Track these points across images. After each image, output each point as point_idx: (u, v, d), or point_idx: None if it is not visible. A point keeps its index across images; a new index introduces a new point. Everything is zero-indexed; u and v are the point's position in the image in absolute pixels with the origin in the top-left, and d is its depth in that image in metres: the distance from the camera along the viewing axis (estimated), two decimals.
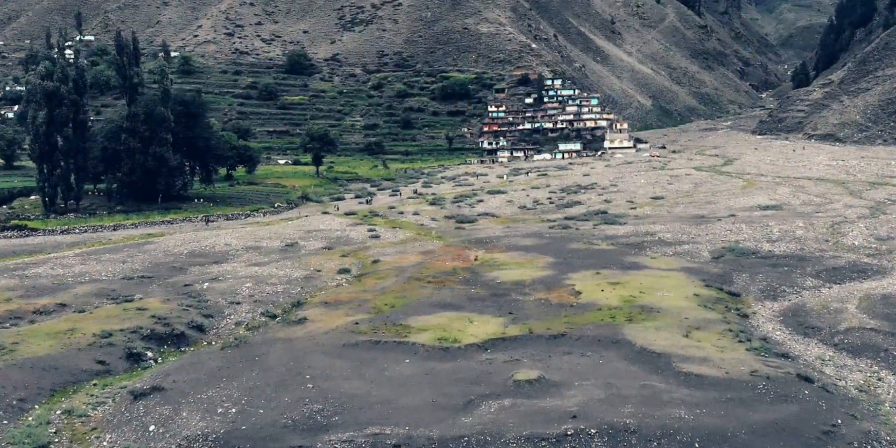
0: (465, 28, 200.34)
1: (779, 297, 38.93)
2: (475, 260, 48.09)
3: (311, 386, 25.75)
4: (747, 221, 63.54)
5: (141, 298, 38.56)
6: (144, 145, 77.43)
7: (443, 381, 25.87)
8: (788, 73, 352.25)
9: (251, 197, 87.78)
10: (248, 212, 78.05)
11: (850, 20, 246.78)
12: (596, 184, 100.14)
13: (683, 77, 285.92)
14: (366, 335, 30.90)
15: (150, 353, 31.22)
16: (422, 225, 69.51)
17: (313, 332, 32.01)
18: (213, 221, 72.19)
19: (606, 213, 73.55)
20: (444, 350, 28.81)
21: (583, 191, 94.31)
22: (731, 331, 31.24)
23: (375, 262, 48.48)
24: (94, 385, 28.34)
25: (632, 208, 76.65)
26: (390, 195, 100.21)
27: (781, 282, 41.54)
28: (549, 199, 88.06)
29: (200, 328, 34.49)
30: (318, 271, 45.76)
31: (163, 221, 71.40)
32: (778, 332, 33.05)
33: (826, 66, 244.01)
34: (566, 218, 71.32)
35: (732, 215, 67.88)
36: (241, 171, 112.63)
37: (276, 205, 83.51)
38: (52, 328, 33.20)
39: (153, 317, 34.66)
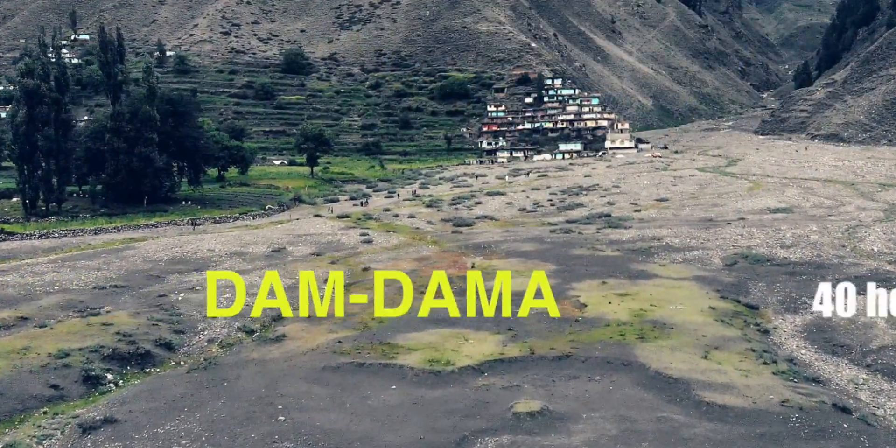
0: (464, 27, 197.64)
1: (800, 310, 35.90)
2: (472, 267, 45.05)
3: (282, 418, 22.72)
4: (758, 225, 60.57)
5: (109, 311, 35.43)
6: (129, 145, 74.31)
7: (433, 412, 22.85)
8: (789, 72, 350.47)
9: (242, 199, 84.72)
10: (237, 214, 74.90)
11: (853, 19, 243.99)
12: (598, 185, 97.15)
13: (684, 77, 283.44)
14: (349, 356, 27.81)
15: (109, 376, 28.14)
16: (417, 229, 66.52)
17: (291, 352, 28.96)
18: (199, 225, 69.12)
19: (610, 216, 70.53)
20: (435, 374, 25.74)
21: (584, 192, 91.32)
22: (753, 351, 28.20)
23: (366, 270, 45.40)
24: (44, 413, 25.30)
25: (636, 211, 73.64)
26: (386, 197, 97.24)
27: (801, 292, 38.50)
28: (550, 201, 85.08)
29: (169, 346, 31.34)
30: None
31: (146, 225, 68.19)
32: (804, 351, 30.05)
33: (828, 65, 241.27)
34: (568, 221, 68.33)
35: (742, 218, 64.89)
36: (233, 171, 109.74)
37: (266, 207, 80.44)
38: (5, 346, 30.15)
39: (118, 333, 31.54)
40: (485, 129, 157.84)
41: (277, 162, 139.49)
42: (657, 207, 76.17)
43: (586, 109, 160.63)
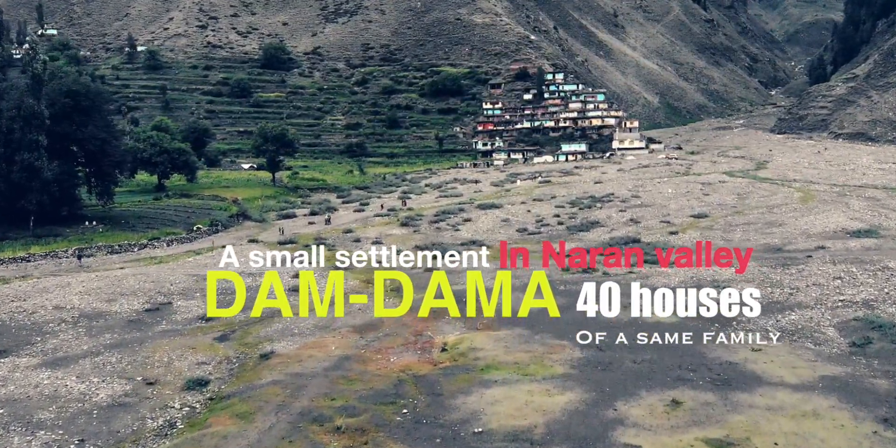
0: (458, 19, 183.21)
1: None
2: (442, 351, 27.56)
3: None
4: (851, 259, 42.86)
5: None
6: (11, 151, 56.79)
7: None
8: (797, 69, 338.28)
9: (169, 216, 66.90)
10: (146, 240, 56.90)
11: (871, 10, 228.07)
12: (613, 195, 79.47)
13: (691, 73, 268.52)
14: None
15: None
16: (378, 264, 48.95)
17: None
18: (88, 257, 51.28)
19: (639, 241, 52.91)
20: None
21: (598, 205, 73.65)
22: None
23: (265, 356, 27.66)
24: None
25: (671, 233, 56.06)
26: (356, 210, 79.81)
27: None
28: (557, 216, 67.43)
29: None
30: (150, 385, 24.76)
31: (14, 259, 50.23)
32: None
33: (845, 59, 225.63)
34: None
35: (821, 247, 47.23)
36: (180, 179, 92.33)
37: (195, 227, 62.58)
38: None
39: None
40: (480, 128, 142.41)
41: (246, 166, 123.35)
42: (697, 227, 58.65)
43: (591, 106, 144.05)
